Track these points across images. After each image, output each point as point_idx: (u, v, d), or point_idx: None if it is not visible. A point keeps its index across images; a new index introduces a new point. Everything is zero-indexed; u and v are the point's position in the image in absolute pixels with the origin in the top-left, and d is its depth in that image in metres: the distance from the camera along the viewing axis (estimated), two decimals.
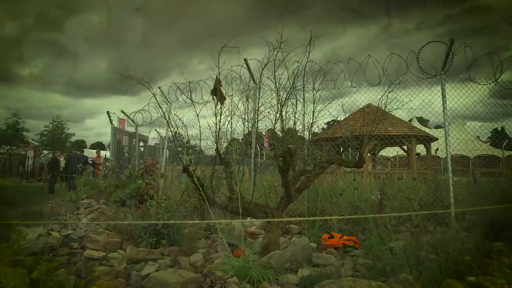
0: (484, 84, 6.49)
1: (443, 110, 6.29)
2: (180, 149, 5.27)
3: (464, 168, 20.78)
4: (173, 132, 4.86)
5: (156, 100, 5.16)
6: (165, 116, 4.92)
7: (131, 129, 12.01)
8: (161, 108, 4.87)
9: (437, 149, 17.88)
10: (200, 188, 4.31)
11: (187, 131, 4.94)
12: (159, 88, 8.57)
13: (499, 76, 6.29)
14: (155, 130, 11.73)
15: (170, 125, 4.85)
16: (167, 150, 10.46)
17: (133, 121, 11.37)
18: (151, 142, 12.96)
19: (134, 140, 12.22)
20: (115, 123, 11.51)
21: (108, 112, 11.41)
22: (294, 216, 6.58)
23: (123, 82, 3.98)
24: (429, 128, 30.57)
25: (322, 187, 7.54)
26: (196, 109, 4.96)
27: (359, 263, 4.63)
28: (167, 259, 4.54)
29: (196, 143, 6.19)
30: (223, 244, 4.74)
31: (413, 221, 6.20)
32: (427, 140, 11.66)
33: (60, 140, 51.28)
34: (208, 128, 5.27)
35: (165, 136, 9.59)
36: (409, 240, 5.20)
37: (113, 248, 4.93)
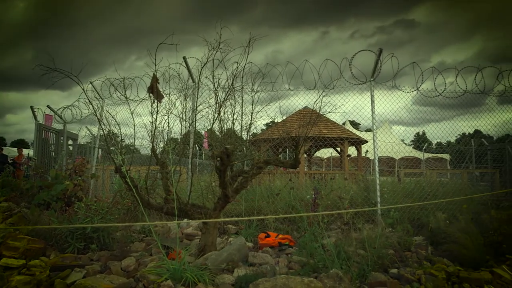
0: (408, 92, 7.07)
1: (372, 115, 6.72)
2: (112, 148, 5.00)
3: (390, 169, 22.47)
4: (104, 131, 4.60)
5: (86, 95, 4.84)
6: (95, 113, 4.63)
7: (59, 126, 11.14)
8: (91, 104, 4.58)
9: (367, 151, 19.08)
10: (134, 190, 4.13)
11: (120, 129, 4.70)
12: (90, 83, 8.08)
13: (420, 85, 6.90)
14: (86, 127, 11.02)
15: (101, 122, 4.58)
16: (99, 149, 9.88)
17: (61, 118, 10.56)
18: (82, 141, 12.16)
19: (62, 138, 11.34)
20: (40, 119, 10.59)
21: (32, 107, 10.46)
22: (232, 216, 6.60)
23: (48, 75, 3.67)
24: (360, 131, 32.58)
25: (260, 187, 7.66)
26: (130, 107, 4.75)
27: (293, 260, 4.77)
28: (96, 264, 4.29)
29: (131, 142, 5.94)
30: (157, 247, 4.60)
31: (344, 218, 6.56)
32: (358, 142, 12.38)
33: None
34: (144, 127, 5.09)
35: (97, 135, 9.06)
36: (340, 237, 5.48)
37: (35, 255, 4.52)
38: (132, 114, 4.62)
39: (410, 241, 5.52)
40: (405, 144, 32.08)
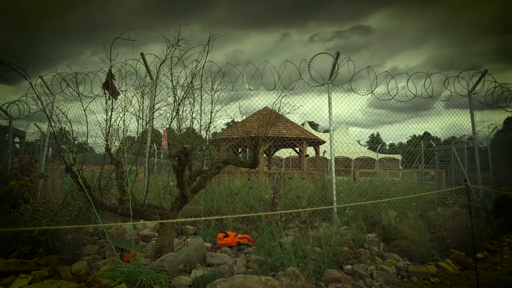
0: (363, 95, 7.34)
1: (329, 116, 6.91)
2: (63, 146, 4.75)
3: (346, 169, 23.23)
4: (54, 128, 4.35)
5: (35, 90, 4.55)
6: (45, 109, 4.37)
7: (3, 123, 10.39)
8: (40, 100, 4.31)
9: (325, 151, 19.59)
10: (86, 190, 3.94)
11: (71, 127, 4.48)
12: (40, 77, 7.63)
13: (375, 89, 7.20)
14: (35, 124, 10.37)
15: (51, 119, 4.33)
16: (49, 148, 9.35)
17: (6, 113, 9.85)
18: (30, 138, 11.42)
19: (7, 135, 10.59)
20: None
21: None
22: (190, 217, 6.51)
23: None
24: (319, 131, 33.43)
25: (219, 186, 7.62)
26: (83, 103, 4.53)
27: (251, 260, 4.79)
28: (44, 269, 4.05)
29: (83, 141, 5.67)
30: (111, 249, 4.43)
31: (302, 217, 6.69)
32: (316, 143, 12.68)
33: None
34: (98, 124, 4.88)
35: (46, 132, 8.55)
36: (298, 235, 5.59)
37: None
38: (85, 111, 4.42)
39: (364, 238, 5.74)
40: (361, 144, 33.35)
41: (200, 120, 4.65)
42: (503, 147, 10.08)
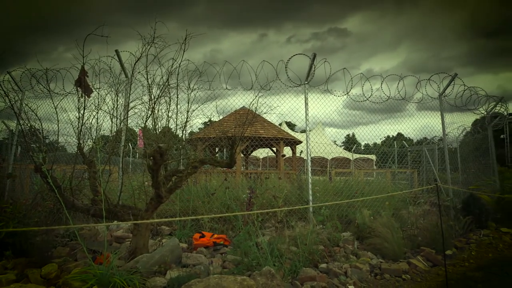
0: (339, 96, 7.45)
1: (306, 117, 6.97)
2: (33, 145, 4.57)
3: (322, 169, 23.54)
4: (23, 126, 4.19)
5: (2, 87, 4.37)
6: (13, 106, 4.20)
7: None
8: (7, 96, 4.13)
9: (301, 151, 19.79)
10: (56, 190, 3.82)
11: (41, 125, 4.32)
12: (8, 73, 7.33)
13: (350, 90, 7.32)
14: (3, 122, 9.94)
15: (20, 117, 4.17)
16: (18, 146, 8.98)
17: None
18: None
19: None
20: None
21: None
22: (166, 217, 6.42)
23: None
24: (296, 132, 33.70)
25: (196, 186, 7.56)
26: (54, 101, 4.38)
27: (228, 260, 4.78)
28: (11, 273, 3.89)
29: (54, 139, 5.49)
30: (83, 251, 4.31)
31: (278, 217, 6.72)
32: (293, 143, 12.78)
33: None
34: (70, 123, 4.73)
35: (15, 130, 8.22)
36: (274, 235, 5.62)
37: None
38: (55, 108, 4.27)
39: (339, 236, 5.84)
40: (337, 145, 33.92)
41: (176, 119, 4.59)
42: (471, 148, 10.49)
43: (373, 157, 27.59)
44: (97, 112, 4.46)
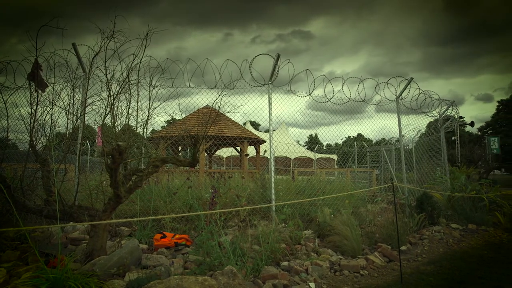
0: (302, 97, 7.58)
1: (269, 116, 7.03)
2: None
3: (286, 168, 23.87)
4: None
5: None
6: None
7: None
8: None
9: (265, 150, 19.91)
10: (5, 191, 3.59)
11: None
12: None
13: (312, 91, 7.47)
14: None
15: None
16: None
17: None
18: None
19: None
20: None
21: None
22: (125, 218, 6.23)
23: None
24: (260, 131, 33.92)
25: (157, 186, 7.40)
26: (3, 95, 4.11)
27: (189, 260, 4.72)
28: None
29: (3, 136, 5.14)
30: (35, 255, 4.08)
31: (241, 216, 6.73)
32: (257, 142, 12.84)
33: None
34: (22, 119, 4.47)
35: None
36: (237, 234, 5.61)
37: None
38: (5, 103, 4.01)
39: (300, 235, 5.94)
40: (300, 145, 34.51)
41: (137, 116, 4.46)
42: (425, 149, 11.07)
43: (334, 156, 28.36)
44: (52, 108, 4.23)
